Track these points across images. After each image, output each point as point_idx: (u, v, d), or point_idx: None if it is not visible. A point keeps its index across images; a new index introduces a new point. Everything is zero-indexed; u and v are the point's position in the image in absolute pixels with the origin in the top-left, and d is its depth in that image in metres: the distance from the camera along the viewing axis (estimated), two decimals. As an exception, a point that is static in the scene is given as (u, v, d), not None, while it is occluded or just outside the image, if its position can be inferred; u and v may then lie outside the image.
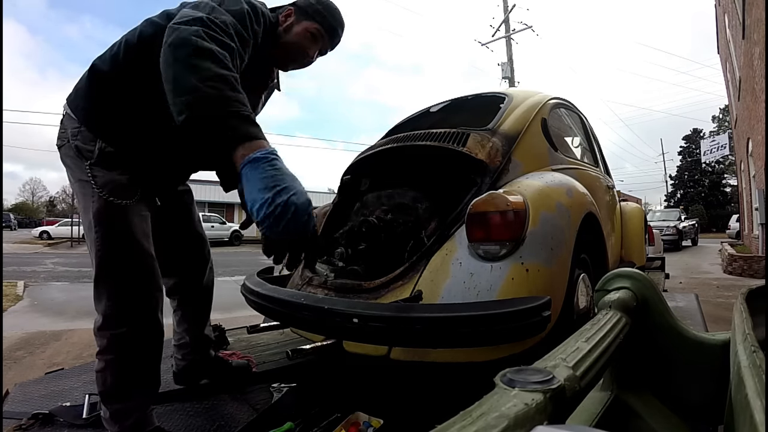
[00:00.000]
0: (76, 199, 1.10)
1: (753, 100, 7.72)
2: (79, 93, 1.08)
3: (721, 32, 13.75)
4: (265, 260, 0.97)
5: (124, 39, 1.07)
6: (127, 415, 1.07)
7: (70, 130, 1.06)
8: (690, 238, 15.40)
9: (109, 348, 1.06)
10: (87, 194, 1.04)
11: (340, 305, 1.19)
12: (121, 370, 1.06)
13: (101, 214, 1.02)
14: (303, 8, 1.19)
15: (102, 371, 1.07)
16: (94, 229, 1.03)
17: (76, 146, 1.04)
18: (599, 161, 2.83)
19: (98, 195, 1.02)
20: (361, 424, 1.26)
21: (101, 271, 1.05)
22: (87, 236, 1.08)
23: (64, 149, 1.09)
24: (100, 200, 1.02)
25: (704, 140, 21.28)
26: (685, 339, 0.72)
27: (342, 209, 1.91)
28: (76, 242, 16.30)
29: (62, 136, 1.09)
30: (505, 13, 14.82)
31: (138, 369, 1.09)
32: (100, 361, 1.07)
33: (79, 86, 1.09)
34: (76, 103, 1.07)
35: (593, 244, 1.76)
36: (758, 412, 0.33)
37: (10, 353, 2.80)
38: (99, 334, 1.07)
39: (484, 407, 0.28)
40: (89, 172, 1.03)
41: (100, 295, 1.06)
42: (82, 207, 1.06)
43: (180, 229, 1.35)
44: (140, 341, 1.08)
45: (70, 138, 1.06)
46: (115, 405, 1.08)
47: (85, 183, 1.04)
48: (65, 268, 8.31)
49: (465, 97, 2.25)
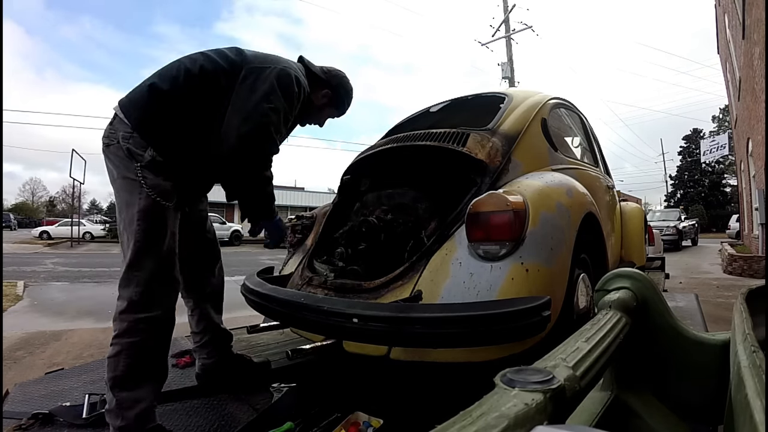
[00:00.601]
0: (118, 193, 1.19)
1: (753, 100, 7.72)
2: (135, 103, 1.21)
3: (721, 32, 13.75)
4: (265, 260, 0.97)
5: (185, 67, 1.23)
6: (133, 404, 1.10)
7: (121, 133, 1.18)
8: (690, 238, 15.40)
9: (127, 332, 1.12)
10: (134, 191, 1.15)
11: (340, 305, 1.19)
12: (135, 355, 1.11)
13: (147, 211, 1.14)
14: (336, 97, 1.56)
15: (115, 356, 1.11)
16: (137, 223, 1.13)
17: (127, 149, 1.16)
18: (599, 161, 2.83)
19: (147, 194, 1.14)
20: (361, 424, 1.26)
21: (135, 259, 1.13)
22: (126, 227, 1.16)
23: (113, 148, 1.19)
24: (148, 199, 1.15)
25: (704, 140, 21.27)
26: (685, 339, 0.72)
27: (342, 209, 1.91)
28: (76, 242, 16.30)
29: (112, 136, 1.20)
30: (505, 13, 14.81)
31: (150, 356, 1.15)
32: (115, 346, 1.12)
33: (135, 97, 1.22)
34: (131, 111, 1.19)
35: (593, 244, 1.76)
36: (758, 412, 0.33)
37: (10, 353, 2.80)
38: (120, 318, 1.13)
39: (484, 407, 0.28)
40: (139, 173, 1.15)
41: (129, 282, 1.13)
42: (125, 201, 1.16)
43: (197, 234, 1.47)
44: (157, 328, 1.15)
45: (120, 140, 1.17)
46: (122, 393, 1.10)
47: (132, 181, 1.15)
48: (65, 268, 8.31)
49: (465, 97, 2.25)
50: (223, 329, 1.53)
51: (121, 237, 1.19)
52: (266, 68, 1.26)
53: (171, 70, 1.23)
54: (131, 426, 1.10)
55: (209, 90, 1.22)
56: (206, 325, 1.49)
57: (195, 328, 1.50)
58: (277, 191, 7.90)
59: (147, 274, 1.13)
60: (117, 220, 1.21)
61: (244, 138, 1.17)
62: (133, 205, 1.14)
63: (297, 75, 1.32)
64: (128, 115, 1.19)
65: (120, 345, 1.12)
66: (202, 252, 1.49)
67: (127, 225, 1.16)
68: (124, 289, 1.13)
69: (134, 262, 1.13)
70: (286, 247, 1.98)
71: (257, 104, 1.20)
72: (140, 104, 1.20)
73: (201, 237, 1.48)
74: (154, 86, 1.20)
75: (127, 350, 1.11)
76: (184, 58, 1.27)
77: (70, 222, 17.80)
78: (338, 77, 1.55)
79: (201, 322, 1.49)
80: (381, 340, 1.17)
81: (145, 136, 1.17)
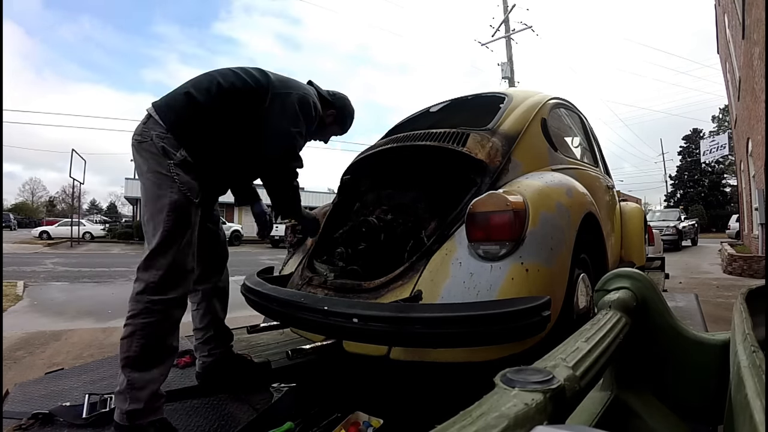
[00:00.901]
0: (146, 187, 1.28)
1: (753, 100, 7.72)
2: (171, 107, 1.32)
3: (721, 32, 13.75)
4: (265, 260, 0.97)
5: (217, 81, 1.37)
6: (145, 385, 1.14)
7: (156, 132, 1.28)
8: (690, 238, 15.41)
9: (142, 312, 1.17)
10: (165, 185, 1.24)
11: (340, 305, 1.19)
12: (148, 336, 1.17)
13: (178, 204, 1.25)
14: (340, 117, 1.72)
15: (129, 336, 1.16)
16: (167, 213, 1.23)
17: (162, 146, 1.26)
18: (599, 161, 2.83)
19: (179, 189, 1.25)
20: (361, 424, 1.26)
21: (161, 246, 1.21)
22: (152, 217, 1.25)
23: (146, 145, 1.28)
24: (180, 193, 1.25)
25: (704, 140, 21.27)
26: (685, 339, 0.72)
27: (342, 209, 1.91)
28: (76, 242, 16.30)
29: (145, 134, 1.29)
30: (505, 13, 14.81)
31: (161, 338, 1.20)
32: (129, 326, 1.17)
33: (172, 102, 1.34)
34: (167, 114, 1.31)
35: (593, 244, 1.76)
36: (758, 412, 0.33)
37: (10, 353, 2.80)
38: (136, 299, 1.19)
39: (484, 407, 0.28)
40: (172, 169, 1.26)
41: (150, 266, 1.20)
42: (155, 194, 1.25)
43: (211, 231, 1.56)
44: (170, 311, 1.22)
45: (154, 138, 1.27)
46: (134, 373, 1.14)
47: (164, 176, 1.25)
48: (65, 268, 8.30)
49: (465, 97, 2.26)
50: (225, 327, 1.57)
51: (145, 226, 1.27)
52: (290, 94, 1.44)
53: (204, 82, 1.37)
54: (140, 409, 1.12)
55: (237, 105, 1.38)
56: (211, 320, 1.51)
57: (199, 324, 1.52)
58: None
59: (168, 260, 1.21)
60: (142, 211, 1.29)
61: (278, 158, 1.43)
62: (163, 198, 1.24)
63: (314, 100, 1.51)
64: (164, 117, 1.30)
65: (134, 325, 1.16)
66: (214, 248, 1.57)
67: (154, 214, 1.24)
68: (144, 272, 1.20)
69: (159, 248, 1.21)
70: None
71: (288, 131, 1.41)
72: (176, 109, 1.32)
73: (214, 235, 1.58)
74: (190, 95, 1.33)
75: (141, 330, 1.16)
76: (216, 73, 1.41)
77: (70, 222, 17.80)
78: (342, 99, 1.72)
79: (206, 316, 1.52)
80: (381, 340, 1.17)
81: (179, 138, 1.29)
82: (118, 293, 5.37)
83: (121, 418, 1.14)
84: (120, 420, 1.14)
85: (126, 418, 1.13)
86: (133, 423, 1.13)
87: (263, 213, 1.73)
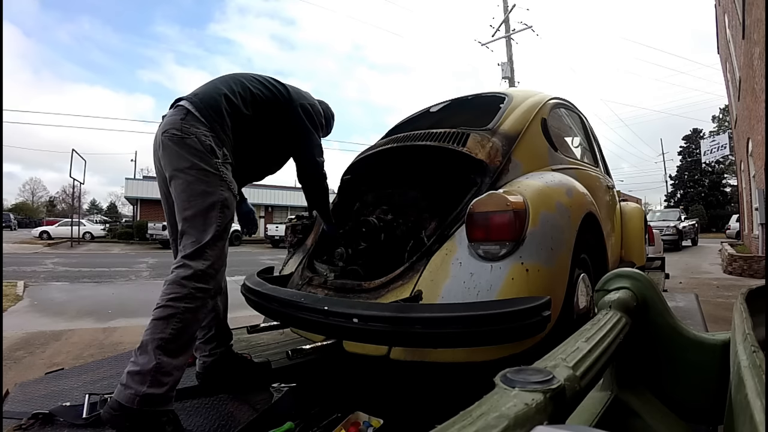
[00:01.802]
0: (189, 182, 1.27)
1: (753, 100, 7.72)
2: (211, 106, 1.34)
3: (721, 32, 13.74)
4: (265, 260, 0.97)
5: (250, 89, 1.45)
6: (169, 372, 1.13)
7: (200, 130, 1.29)
8: (690, 238, 15.41)
9: (186, 297, 1.18)
10: (214, 183, 1.28)
11: (340, 305, 1.19)
12: (186, 321, 1.18)
13: (229, 201, 1.30)
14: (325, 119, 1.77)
15: (165, 318, 1.16)
16: (219, 210, 1.27)
17: (210, 145, 1.29)
18: (599, 161, 2.83)
19: (228, 186, 1.31)
20: (361, 424, 1.26)
21: (214, 239, 1.26)
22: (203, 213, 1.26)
23: (190, 141, 1.28)
24: (230, 191, 1.31)
25: (704, 140, 21.23)
26: (685, 339, 0.72)
27: (342, 209, 1.91)
28: (76, 242, 16.30)
29: (186, 130, 1.29)
30: (505, 13, 14.81)
31: (195, 327, 1.22)
32: (169, 308, 1.17)
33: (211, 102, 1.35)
34: (207, 112, 1.33)
35: (593, 244, 1.76)
36: (758, 412, 0.33)
37: (10, 353, 2.80)
38: (181, 283, 1.19)
39: (484, 407, 0.28)
40: (219, 167, 1.29)
41: (201, 256, 1.23)
42: (202, 191, 1.27)
43: None
44: (208, 301, 1.25)
45: (199, 135, 1.29)
46: (164, 357, 1.13)
47: (212, 174, 1.28)
48: (65, 268, 8.30)
49: (465, 97, 2.25)
50: (227, 326, 1.57)
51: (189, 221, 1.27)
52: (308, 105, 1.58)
53: (238, 88, 1.43)
54: (159, 395, 1.09)
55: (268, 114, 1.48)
56: (213, 318, 1.51)
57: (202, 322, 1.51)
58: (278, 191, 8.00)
59: (217, 252, 1.26)
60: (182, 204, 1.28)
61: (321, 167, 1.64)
62: (212, 195, 1.27)
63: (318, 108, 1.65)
64: (205, 115, 1.32)
65: (175, 308, 1.16)
66: None
67: (203, 211, 1.26)
68: (194, 260, 1.22)
69: (211, 241, 1.25)
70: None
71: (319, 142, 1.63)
72: (216, 109, 1.35)
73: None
74: (229, 99, 1.38)
75: (181, 314, 1.17)
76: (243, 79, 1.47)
77: (70, 222, 17.80)
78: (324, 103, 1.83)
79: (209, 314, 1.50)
80: (381, 340, 1.17)
81: (221, 139, 1.33)
82: (118, 293, 5.38)
83: (130, 401, 1.06)
84: (128, 402, 1.06)
85: (139, 401, 1.06)
86: (146, 408, 1.06)
87: (251, 212, 1.78)
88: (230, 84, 1.43)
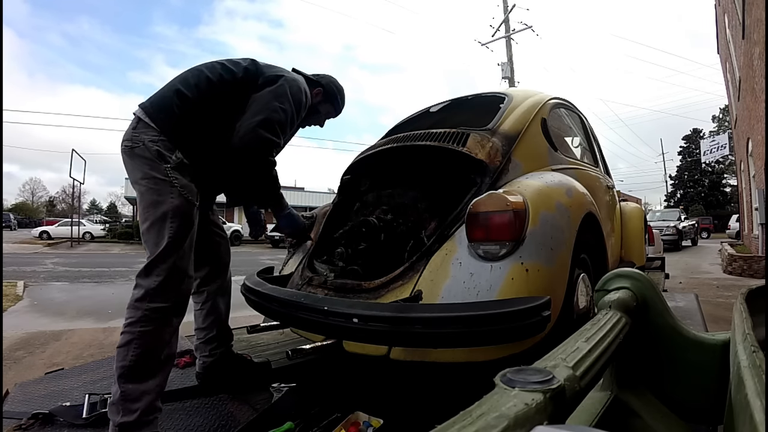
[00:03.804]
0: (142, 193, 1.23)
1: (753, 100, 7.72)
2: (161, 108, 1.27)
3: (721, 32, 13.74)
4: (265, 260, 0.98)
5: (205, 75, 1.32)
6: (139, 396, 1.10)
7: (148, 137, 1.23)
8: (690, 238, 15.42)
9: (141, 320, 1.13)
10: (164, 191, 1.20)
11: (340, 305, 1.19)
12: (146, 345, 1.13)
13: (180, 209, 1.21)
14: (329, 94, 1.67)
15: (126, 345, 1.12)
16: (170, 220, 1.19)
17: (157, 150, 1.22)
18: (599, 161, 2.83)
19: (179, 193, 1.22)
20: (361, 424, 1.26)
21: (164, 253, 1.18)
22: (153, 224, 1.20)
23: (139, 150, 1.23)
24: (181, 198, 1.22)
25: (704, 140, 21.24)
26: (685, 339, 0.72)
27: (342, 209, 1.91)
28: (76, 242, 16.29)
29: (136, 139, 1.24)
30: (505, 13, 14.81)
31: (159, 347, 1.16)
32: (126, 334, 1.13)
33: (161, 102, 1.28)
34: (157, 115, 1.26)
35: (593, 244, 1.76)
36: (758, 412, 0.33)
37: (10, 353, 2.80)
38: (135, 306, 1.15)
39: (484, 407, 0.28)
40: (169, 174, 1.21)
41: (151, 272, 1.17)
42: (154, 200, 1.21)
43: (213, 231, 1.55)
44: (170, 319, 1.18)
45: (146, 142, 1.23)
46: (129, 384, 1.10)
47: (162, 181, 1.21)
48: (65, 268, 8.30)
49: (465, 97, 2.25)
50: (228, 327, 1.56)
51: (145, 234, 1.22)
52: (280, 77, 1.40)
53: (192, 78, 1.32)
54: (131, 422, 1.08)
55: (228, 97, 1.33)
56: (214, 320, 1.51)
57: (202, 324, 1.51)
58: (277, 191, 7.53)
59: (169, 265, 1.18)
60: (140, 218, 1.25)
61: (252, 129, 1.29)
62: (163, 204, 1.20)
63: (304, 86, 1.48)
64: (154, 119, 1.25)
65: (132, 333, 1.12)
66: (220, 251, 1.57)
67: (155, 222, 1.20)
68: (144, 278, 1.17)
69: (161, 255, 1.17)
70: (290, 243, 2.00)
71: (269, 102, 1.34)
72: (166, 109, 1.27)
73: (217, 234, 1.57)
74: (180, 92, 1.28)
75: (138, 339, 1.12)
76: (203, 67, 1.36)
77: (70, 222, 17.80)
78: (327, 77, 1.70)
79: (210, 316, 1.51)
80: (381, 340, 1.17)
81: (173, 140, 1.24)
82: (118, 293, 5.37)
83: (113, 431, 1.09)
84: None
85: (118, 431, 1.08)
86: None
87: (257, 212, 1.70)
88: (187, 76, 1.34)
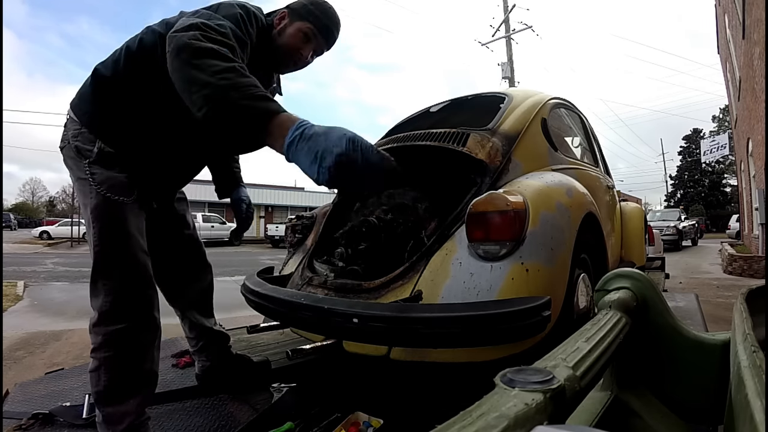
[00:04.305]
0: (77, 198, 1.14)
1: (753, 100, 7.72)
2: (82, 97, 1.13)
3: (721, 32, 13.74)
4: (265, 260, 0.97)
5: (125, 45, 1.11)
6: (121, 418, 1.05)
7: (71, 132, 1.11)
8: (690, 238, 15.42)
9: (104, 345, 1.05)
10: (86, 192, 1.07)
11: (340, 305, 1.19)
12: (116, 369, 1.05)
13: (99, 210, 1.05)
14: (296, 10, 1.21)
15: (96, 370, 1.05)
16: (92, 225, 1.06)
17: (75, 146, 1.09)
18: (599, 161, 2.83)
19: (96, 191, 1.05)
20: (361, 424, 1.26)
21: (98, 266, 1.06)
22: (87, 233, 1.10)
23: (66, 150, 1.13)
24: (98, 196, 1.05)
25: (704, 140, 21.24)
26: (685, 339, 0.72)
27: (342, 209, 1.91)
28: (76, 242, 16.29)
29: (63, 138, 1.14)
30: (505, 13, 14.81)
31: (133, 368, 1.07)
32: (95, 359, 1.06)
33: (82, 91, 1.13)
34: (79, 107, 1.12)
35: (593, 244, 1.76)
36: (758, 412, 0.33)
37: (10, 353, 2.80)
38: (94, 331, 1.07)
39: (484, 407, 0.28)
40: (87, 170, 1.07)
41: (98, 292, 1.06)
42: (82, 204, 1.10)
43: (175, 234, 1.37)
44: (136, 338, 1.07)
45: (70, 139, 1.10)
46: (107, 408, 1.05)
47: (83, 181, 1.07)
48: (65, 268, 8.30)
49: (465, 97, 2.25)
50: (217, 332, 1.48)
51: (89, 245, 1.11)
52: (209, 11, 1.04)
53: (113, 54, 1.11)
54: None
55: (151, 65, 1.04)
56: (199, 332, 1.45)
57: (189, 334, 1.47)
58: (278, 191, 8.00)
59: (115, 281, 1.05)
60: None
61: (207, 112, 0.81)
62: (87, 207, 1.07)
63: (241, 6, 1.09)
64: (77, 112, 1.11)
65: (98, 359, 1.05)
66: (183, 254, 1.39)
67: (87, 230, 1.10)
68: (94, 300, 1.06)
69: (97, 269, 1.05)
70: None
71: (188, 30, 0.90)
72: (86, 97, 1.11)
73: (180, 238, 1.37)
74: (96, 73, 1.10)
75: (104, 365, 1.04)
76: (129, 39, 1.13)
77: (70, 222, 17.79)
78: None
79: (193, 329, 1.45)
80: (381, 340, 1.17)
81: (94, 130, 1.08)
82: (118, 293, 5.35)
83: None
84: None
85: None
86: None
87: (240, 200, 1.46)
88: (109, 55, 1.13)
